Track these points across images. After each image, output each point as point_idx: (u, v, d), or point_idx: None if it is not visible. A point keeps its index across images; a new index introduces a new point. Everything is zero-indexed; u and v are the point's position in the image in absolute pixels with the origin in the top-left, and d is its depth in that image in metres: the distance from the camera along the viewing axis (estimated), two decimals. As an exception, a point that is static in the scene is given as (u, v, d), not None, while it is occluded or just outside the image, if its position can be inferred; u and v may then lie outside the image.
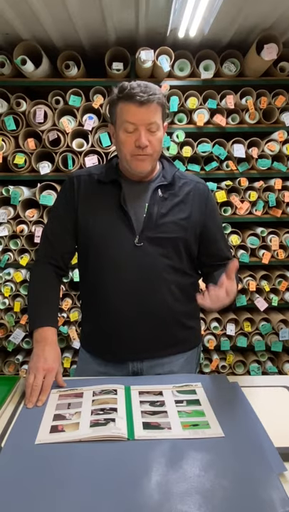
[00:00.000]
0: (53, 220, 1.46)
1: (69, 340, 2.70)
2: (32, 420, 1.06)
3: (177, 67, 2.51)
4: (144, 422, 1.04)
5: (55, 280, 1.43)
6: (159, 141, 1.29)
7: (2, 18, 2.10)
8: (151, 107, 1.23)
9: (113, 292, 1.35)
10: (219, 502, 0.80)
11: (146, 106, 1.22)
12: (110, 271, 1.34)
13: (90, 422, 1.03)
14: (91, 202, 1.37)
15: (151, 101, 1.22)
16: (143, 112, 1.23)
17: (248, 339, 2.71)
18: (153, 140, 1.27)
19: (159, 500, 0.81)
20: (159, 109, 1.26)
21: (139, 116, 1.23)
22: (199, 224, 1.39)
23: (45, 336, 1.28)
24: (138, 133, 1.24)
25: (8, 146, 2.49)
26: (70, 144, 2.51)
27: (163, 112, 1.29)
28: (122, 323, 1.36)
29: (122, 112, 1.25)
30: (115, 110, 1.28)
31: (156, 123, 1.25)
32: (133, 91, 1.22)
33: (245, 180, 2.57)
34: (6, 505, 0.80)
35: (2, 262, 2.57)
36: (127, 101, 1.23)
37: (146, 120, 1.24)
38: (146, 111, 1.23)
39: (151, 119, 1.24)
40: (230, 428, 1.03)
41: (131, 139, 1.26)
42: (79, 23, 2.19)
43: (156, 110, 1.25)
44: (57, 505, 0.80)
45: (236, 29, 2.29)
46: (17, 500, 0.81)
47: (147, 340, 1.37)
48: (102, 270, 1.36)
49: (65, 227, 1.41)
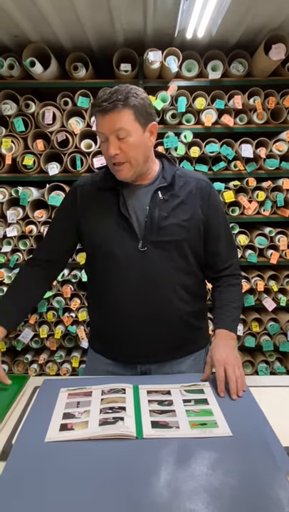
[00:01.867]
0: (50, 226, 1.50)
1: (77, 340, 2.72)
2: (42, 418, 1.08)
3: (185, 67, 2.51)
4: (152, 421, 1.05)
5: (36, 284, 1.44)
6: (133, 147, 1.24)
7: (11, 20, 2.12)
8: (114, 114, 1.19)
9: (119, 296, 1.35)
10: (227, 500, 0.81)
11: (110, 114, 1.19)
12: (116, 276, 1.35)
13: (98, 421, 1.05)
14: (93, 211, 1.37)
15: (110, 108, 1.19)
16: (107, 121, 1.20)
17: (256, 339, 2.71)
18: (124, 147, 1.23)
19: (167, 498, 0.82)
20: (126, 113, 1.20)
21: (104, 125, 1.21)
22: (202, 222, 1.38)
23: None
24: (108, 143, 1.23)
25: (17, 148, 2.51)
26: (79, 145, 2.52)
27: (136, 113, 1.22)
28: (130, 327, 1.36)
29: (96, 122, 1.25)
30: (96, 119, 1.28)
31: (124, 128, 1.21)
32: (98, 101, 1.20)
33: (253, 180, 2.57)
34: (17, 501, 0.81)
35: (11, 262, 2.59)
36: (96, 112, 1.23)
37: (111, 128, 1.21)
38: (110, 119, 1.20)
39: (116, 125, 1.20)
40: (238, 427, 1.03)
41: (104, 149, 1.26)
42: (87, 24, 2.21)
43: (121, 116, 1.20)
44: (66, 502, 0.81)
45: (244, 29, 2.29)
46: (27, 497, 0.82)
47: (155, 343, 1.37)
48: (108, 276, 1.36)
49: (62, 233, 1.43)
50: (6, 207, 2.58)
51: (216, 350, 1.28)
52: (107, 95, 1.20)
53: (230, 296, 1.42)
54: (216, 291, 1.46)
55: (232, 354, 1.26)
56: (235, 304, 1.41)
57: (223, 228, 1.44)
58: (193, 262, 1.39)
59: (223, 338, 1.31)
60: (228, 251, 1.46)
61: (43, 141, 2.52)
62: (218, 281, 1.46)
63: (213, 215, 1.41)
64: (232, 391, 1.18)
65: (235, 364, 1.24)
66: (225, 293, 1.43)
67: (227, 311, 1.37)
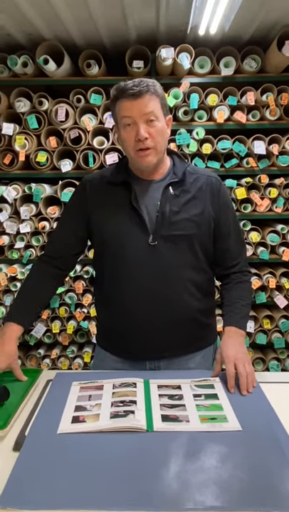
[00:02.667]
0: (60, 221, 1.51)
1: (89, 336, 2.75)
2: (54, 411, 1.10)
3: (197, 64, 2.51)
4: (162, 415, 1.07)
5: (48, 280, 1.46)
6: (160, 133, 1.28)
7: (26, 18, 2.14)
8: (145, 98, 1.22)
9: (129, 292, 1.36)
10: (236, 493, 0.82)
11: (140, 98, 1.22)
12: (125, 271, 1.36)
13: (110, 414, 1.06)
14: (103, 204, 1.38)
15: (144, 92, 1.22)
16: (137, 104, 1.22)
17: (267, 336, 2.70)
18: (153, 132, 1.25)
19: (177, 490, 0.83)
20: (155, 99, 1.25)
21: (134, 109, 1.23)
22: (213, 219, 1.38)
23: (5, 330, 1.32)
24: (136, 126, 1.24)
25: (30, 145, 2.53)
26: (91, 142, 2.54)
27: (161, 103, 1.28)
28: (138, 323, 1.37)
29: (120, 109, 1.26)
30: (115, 110, 1.29)
31: (154, 113, 1.24)
32: (126, 87, 1.23)
33: (265, 177, 2.56)
34: (30, 491, 0.84)
35: (24, 258, 2.62)
36: (121, 98, 1.24)
37: (142, 111, 1.23)
38: (141, 102, 1.22)
39: (147, 109, 1.23)
40: (247, 422, 1.04)
41: (131, 134, 1.26)
42: (100, 22, 2.22)
43: (151, 100, 1.24)
44: (78, 492, 0.83)
45: (257, 25, 2.28)
46: (40, 487, 0.84)
47: (164, 339, 1.38)
48: (118, 270, 1.37)
49: (71, 230, 1.44)
50: (20, 203, 2.61)
51: (225, 347, 1.29)
52: (134, 82, 1.23)
53: (239, 293, 1.42)
54: (225, 289, 1.46)
55: (241, 351, 1.27)
56: (245, 302, 1.42)
57: (232, 225, 1.45)
58: (202, 258, 1.40)
59: (232, 334, 1.33)
60: (237, 248, 1.46)
61: (55, 138, 2.54)
62: (227, 278, 1.47)
63: (224, 212, 1.41)
64: (242, 387, 1.19)
65: (245, 360, 1.24)
66: (234, 290, 1.43)
67: (236, 308, 1.38)
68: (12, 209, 2.62)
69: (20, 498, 0.82)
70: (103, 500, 0.81)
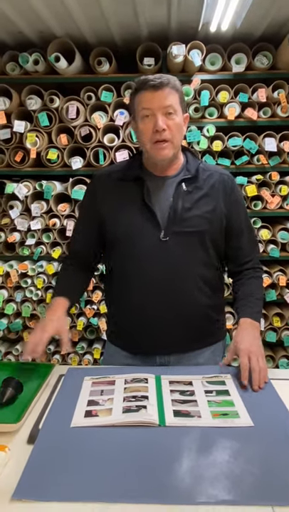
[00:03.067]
0: (77, 220, 1.55)
1: (99, 332, 2.76)
2: (67, 405, 1.11)
3: (208, 61, 2.50)
4: (174, 410, 1.07)
5: (79, 273, 1.51)
6: (178, 126, 1.29)
7: (38, 16, 2.15)
8: (165, 91, 1.24)
9: (139, 287, 1.37)
10: (248, 487, 0.83)
11: (160, 90, 1.23)
12: (136, 266, 1.36)
13: (122, 408, 1.07)
14: (115, 200, 1.39)
15: (164, 84, 1.23)
16: (157, 96, 1.24)
17: (277, 334, 2.70)
18: (171, 124, 1.26)
19: (190, 484, 0.84)
20: (174, 94, 1.26)
21: (154, 101, 1.24)
22: (224, 216, 1.39)
23: (54, 303, 1.37)
24: (154, 118, 1.25)
25: (41, 142, 2.55)
26: (102, 139, 2.55)
27: (180, 98, 1.29)
28: (148, 318, 1.38)
29: (139, 101, 1.27)
30: (134, 103, 1.30)
31: (173, 106, 1.25)
32: (147, 79, 1.25)
33: (276, 174, 2.56)
34: (45, 483, 0.85)
35: (35, 255, 2.64)
36: (142, 90, 1.26)
37: (162, 103, 1.24)
38: (161, 95, 1.24)
39: (166, 102, 1.24)
40: (259, 418, 1.05)
41: (149, 126, 1.26)
42: (112, 19, 2.22)
43: (171, 94, 1.25)
44: (91, 485, 0.84)
45: (269, 22, 2.27)
46: (54, 479, 0.86)
47: (174, 334, 1.39)
48: (128, 266, 1.38)
49: (89, 226, 1.46)
50: (31, 200, 2.63)
51: (240, 338, 1.28)
52: (155, 76, 1.25)
53: (252, 288, 1.43)
54: (238, 284, 1.47)
55: (256, 343, 1.27)
56: (258, 296, 1.43)
57: (245, 223, 1.46)
58: (213, 254, 1.40)
59: (247, 326, 1.32)
60: (250, 245, 1.47)
61: (66, 136, 2.56)
62: (240, 275, 1.47)
63: (236, 210, 1.42)
64: (254, 382, 1.19)
65: (259, 354, 1.24)
66: (247, 285, 1.44)
67: (250, 302, 1.38)
68: (23, 206, 2.64)
69: (35, 490, 0.83)
70: (116, 493, 0.82)
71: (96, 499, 0.81)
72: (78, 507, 0.79)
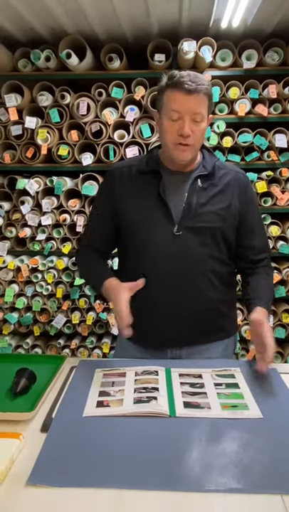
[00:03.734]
0: (93, 211, 1.54)
1: (108, 327, 2.79)
2: (79, 395, 1.14)
3: (219, 57, 2.50)
4: (184, 401, 1.09)
5: (100, 259, 1.51)
6: (202, 133, 1.31)
7: (50, 13, 2.16)
8: (198, 97, 1.24)
9: (151, 281, 1.37)
10: (257, 476, 0.85)
11: (194, 95, 1.23)
12: (149, 260, 1.38)
13: (133, 399, 1.10)
14: (131, 192, 1.41)
15: (198, 91, 1.23)
16: (189, 101, 1.24)
17: (286, 330, 2.70)
18: (196, 130, 1.28)
19: (199, 472, 0.86)
20: (205, 100, 1.27)
21: (185, 105, 1.25)
22: (238, 214, 1.41)
23: (110, 283, 1.34)
24: (182, 122, 1.26)
25: (52, 138, 2.57)
26: (112, 136, 2.56)
27: (209, 103, 1.30)
28: (161, 312, 1.39)
29: (169, 99, 1.27)
30: (162, 97, 1.30)
31: (202, 114, 1.27)
32: (182, 79, 1.23)
33: (286, 170, 2.55)
34: (58, 469, 0.87)
35: (46, 250, 2.67)
36: (174, 88, 1.25)
37: (192, 110, 1.25)
38: (193, 100, 1.24)
39: (197, 109, 1.25)
40: (268, 410, 1.06)
41: (174, 127, 1.28)
42: (123, 16, 2.23)
43: (202, 101, 1.26)
44: (103, 472, 0.86)
45: (280, 18, 2.27)
46: (66, 466, 0.88)
47: (185, 328, 1.40)
48: (141, 259, 1.40)
49: (105, 217, 1.46)
50: (41, 196, 2.66)
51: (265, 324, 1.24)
52: (190, 77, 1.24)
53: (265, 283, 1.45)
54: (250, 278, 1.47)
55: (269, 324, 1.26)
56: (270, 291, 1.46)
57: (257, 221, 1.48)
58: (225, 251, 1.42)
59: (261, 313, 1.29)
60: (262, 244, 1.49)
61: (77, 132, 2.58)
62: (252, 270, 1.48)
63: (250, 209, 1.44)
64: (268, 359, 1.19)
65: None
66: (261, 279, 1.45)
67: (264, 296, 1.39)
68: (34, 202, 2.66)
69: (49, 476, 0.85)
70: (128, 480, 0.84)
71: (108, 485, 0.83)
72: (91, 492, 0.82)
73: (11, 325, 2.81)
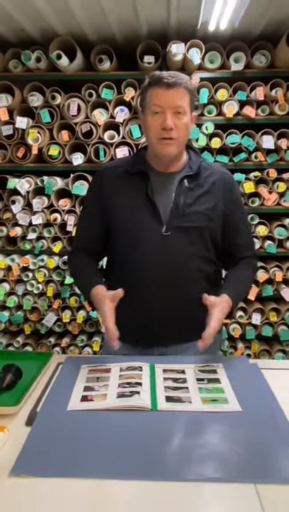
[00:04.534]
0: (82, 212, 1.56)
1: (98, 325, 2.81)
2: (64, 390, 1.16)
3: (208, 59, 2.54)
4: (166, 396, 1.12)
5: (91, 261, 1.52)
6: (185, 126, 1.33)
7: (40, 14, 2.19)
8: (178, 91, 1.28)
9: (139, 280, 1.40)
10: (233, 466, 0.88)
11: (173, 89, 1.28)
12: (138, 260, 1.40)
13: (116, 394, 1.12)
14: (119, 193, 1.43)
15: (178, 84, 1.28)
16: (169, 95, 1.28)
17: (273, 329, 2.74)
18: (179, 124, 1.31)
19: (179, 463, 0.89)
20: (186, 94, 1.30)
21: (166, 99, 1.28)
22: (223, 214, 1.43)
23: (97, 292, 1.36)
24: (164, 115, 1.29)
25: (43, 138, 2.59)
26: (102, 136, 2.59)
27: (191, 99, 1.33)
28: (147, 310, 1.42)
29: (151, 96, 1.31)
30: (145, 96, 1.34)
31: (183, 107, 1.30)
32: (161, 76, 1.29)
33: (273, 171, 2.59)
34: (41, 460, 0.90)
35: (36, 249, 2.69)
36: (155, 85, 1.30)
37: (173, 103, 1.29)
38: (173, 94, 1.28)
39: (178, 102, 1.29)
40: (247, 404, 1.09)
41: (157, 121, 1.31)
42: (112, 17, 2.26)
43: (182, 94, 1.29)
44: (85, 463, 0.89)
45: (267, 21, 2.31)
46: (50, 459, 0.90)
47: (172, 327, 1.43)
48: (130, 259, 1.42)
49: (94, 217, 1.48)
50: (32, 195, 2.68)
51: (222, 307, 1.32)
52: (170, 73, 1.29)
53: (241, 275, 1.48)
54: (229, 270, 1.52)
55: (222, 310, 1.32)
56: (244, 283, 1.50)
57: (242, 220, 1.51)
58: (212, 250, 1.45)
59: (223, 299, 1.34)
60: (246, 243, 1.52)
61: (67, 132, 2.60)
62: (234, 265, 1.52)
63: (235, 208, 1.47)
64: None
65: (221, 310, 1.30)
66: (238, 272, 1.49)
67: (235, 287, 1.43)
68: (25, 201, 2.69)
69: (32, 467, 0.88)
70: (109, 470, 0.87)
71: (89, 476, 0.86)
72: (73, 482, 0.84)
73: (2, 323, 2.83)
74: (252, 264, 1.54)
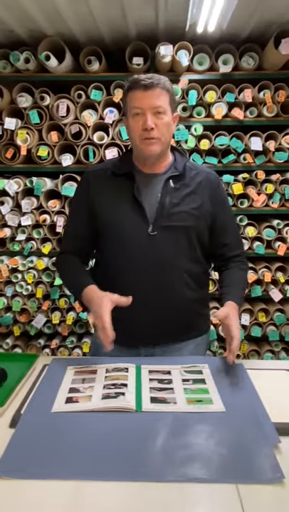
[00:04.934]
0: (70, 216, 1.57)
1: (88, 326, 2.81)
2: (49, 392, 1.16)
3: (196, 61, 2.55)
4: (151, 397, 1.13)
5: (80, 262, 1.51)
6: (166, 126, 1.35)
7: (27, 15, 2.18)
8: (155, 91, 1.31)
9: (126, 280, 1.41)
10: (216, 466, 0.89)
11: (151, 90, 1.31)
12: (125, 260, 1.41)
13: (101, 395, 1.13)
14: (106, 194, 1.44)
15: (155, 85, 1.31)
16: (148, 96, 1.31)
17: (262, 329, 2.76)
18: (159, 124, 1.33)
19: (162, 464, 0.90)
20: (164, 94, 1.33)
21: (144, 101, 1.31)
22: (210, 213, 1.45)
23: (92, 291, 1.34)
24: (144, 116, 1.32)
25: (32, 139, 2.59)
26: (92, 137, 2.59)
27: (170, 98, 1.36)
28: (135, 310, 1.40)
29: (131, 99, 1.34)
30: (126, 101, 1.37)
31: (162, 107, 1.32)
32: (138, 79, 1.32)
33: (262, 172, 2.61)
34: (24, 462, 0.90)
35: (26, 250, 2.69)
36: (133, 88, 1.33)
37: (152, 103, 1.31)
38: (151, 95, 1.31)
39: (156, 102, 1.32)
40: (231, 404, 1.10)
41: (138, 123, 1.33)
42: (101, 19, 2.26)
43: (160, 94, 1.32)
44: (68, 464, 0.90)
45: (255, 23, 2.32)
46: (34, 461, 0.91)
47: (159, 327, 1.44)
48: (117, 259, 1.43)
49: (82, 220, 1.49)
50: (21, 196, 2.67)
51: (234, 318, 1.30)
52: (147, 76, 1.33)
53: (238, 277, 1.49)
54: (224, 272, 1.52)
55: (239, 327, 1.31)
56: (243, 285, 1.50)
57: (229, 220, 1.52)
58: (199, 250, 1.46)
59: (230, 306, 1.34)
60: (235, 241, 1.54)
61: (57, 133, 2.59)
62: (226, 266, 1.52)
63: (222, 208, 1.48)
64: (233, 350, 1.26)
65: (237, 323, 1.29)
66: (234, 274, 1.49)
67: (236, 290, 1.44)
68: (14, 202, 2.68)
69: (15, 469, 0.88)
70: (91, 472, 0.87)
71: (72, 477, 0.86)
72: (56, 485, 0.85)
73: (-9, 325, 2.81)
74: (243, 264, 1.55)
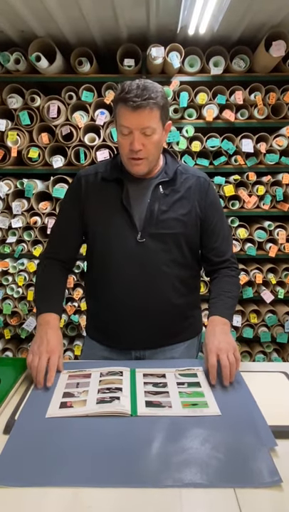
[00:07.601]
0: (58, 218, 1.54)
1: (80, 329, 2.80)
2: (43, 397, 1.14)
3: (187, 63, 2.55)
4: (146, 401, 1.12)
5: (60, 273, 1.49)
6: (155, 145, 1.30)
7: (18, 16, 2.17)
8: (145, 112, 1.23)
9: (116, 286, 1.41)
10: (212, 472, 0.88)
11: (140, 110, 1.23)
12: (113, 266, 1.40)
13: (96, 400, 1.11)
14: (96, 200, 1.42)
15: (144, 106, 1.22)
16: (136, 117, 1.24)
17: (254, 330, 2.77)
18: (148, 144, 1.28)
19: (158, 469, 0.88)
20: (155, 112, 1.25)
21: (133, 121, 1.24)
22: (199, 218, 1.43)
23: (48, 320, 1.33)
24: (132, 136, 1.27)
25: (22, 141, 2.57)
26: (83, 139, 2.58)
27: (162, 113, 1.28)
28: (125, 316, 1.42)
29: (119, 114, 1.27)
30: (115, 109, 1.30)
31: (151, 127, 1.26)
32: (127, 95, 1.22)
33: (253, 174, 2.62)
34: (19, 470, 0.88)
35: (16, 253, 2.66)
36: (122, 103, 1.24)
37: (140, 125, 1.25)
38: (140, 116, 1.23)
39: (145, 123, 1.25)
40: (227, 407, 1.10)
41: (126, 141, 1.28)
42: (92, 20, 2.25)
43: (151, 114, 1.24)
44: (64, 471, 0.88)
45: (246, 26, 2.33)
46: (28, 467, 0.89)
47: (149, 332, 1.43)
48: (106, 265, 1.42)
49: (70, 225, 1.47)
50: (12, 198, 2.65)
51: (208, 338, 1.27)
52: (138, 91, 1.22)
53: (225, 285, 1.45)
54: (213, 283, 1.49)
55: (224, 340, 1.25)
56: (231, 294, 1.43)
57: (219, 223, 1.48)
58: (188, 255, 1.45)
59: (215, 324, 1.32)
60: (225, 245, 1.50)
61: (47, 135, 2.58)
62: (215, 273, 1.50)
63: (211, 211, 1.45)
64: (225, 378, 1.19)
65: (229, 350, 1.22)
66: (221, 283, 1.46)
67: (221, 300, 1.40)
68: (4, 204, 2.65)
69: (10, 477, 0.86)
70: (87, 478, 0.86)
71: (68, 484, 0.85)
72: (51, 492, 0.83)
73: (-19, 328, 2.78)
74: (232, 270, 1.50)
